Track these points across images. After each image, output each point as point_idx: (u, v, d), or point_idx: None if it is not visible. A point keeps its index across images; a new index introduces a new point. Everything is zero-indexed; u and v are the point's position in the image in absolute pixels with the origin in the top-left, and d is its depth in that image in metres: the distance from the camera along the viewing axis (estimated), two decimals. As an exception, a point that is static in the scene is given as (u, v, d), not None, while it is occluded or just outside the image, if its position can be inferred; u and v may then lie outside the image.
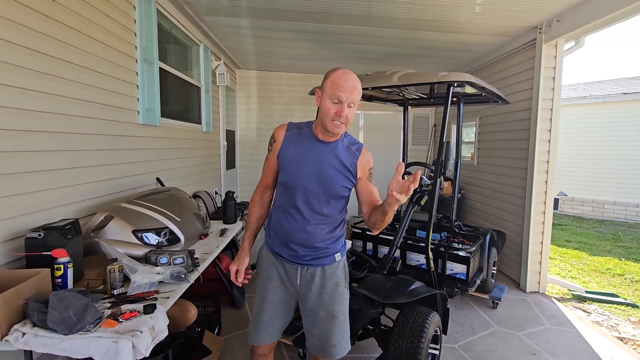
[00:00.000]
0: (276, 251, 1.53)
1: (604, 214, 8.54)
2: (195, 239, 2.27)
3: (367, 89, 2.76)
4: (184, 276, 1.62)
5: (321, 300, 1.50)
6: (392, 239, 2.77)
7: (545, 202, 3.70)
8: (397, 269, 2.77)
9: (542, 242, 3.74)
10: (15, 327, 1.18)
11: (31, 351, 1.19)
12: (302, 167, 1.43)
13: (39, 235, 1.48)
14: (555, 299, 3.63)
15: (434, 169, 2.69)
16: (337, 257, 1.54)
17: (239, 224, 2.90)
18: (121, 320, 1.25)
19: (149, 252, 1.75)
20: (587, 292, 3.85)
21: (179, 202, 2.33)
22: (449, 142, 2.69)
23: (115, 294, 1.47)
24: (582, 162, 8.95)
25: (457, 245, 3.04)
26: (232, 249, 3.43)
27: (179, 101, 3.71)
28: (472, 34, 3.89)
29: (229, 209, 2.86)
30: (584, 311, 3.46)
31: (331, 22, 3.68)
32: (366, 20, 3.59)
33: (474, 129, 5.14)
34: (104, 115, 2.27)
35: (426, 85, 2.89)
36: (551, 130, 3.64)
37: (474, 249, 2.99)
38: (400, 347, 1.94)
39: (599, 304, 3.65)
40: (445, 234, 3.29)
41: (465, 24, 3.60)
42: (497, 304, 3.33)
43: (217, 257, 2.82)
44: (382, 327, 2.32)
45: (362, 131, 6.61)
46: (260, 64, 5.77)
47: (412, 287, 2.11)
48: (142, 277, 1.51)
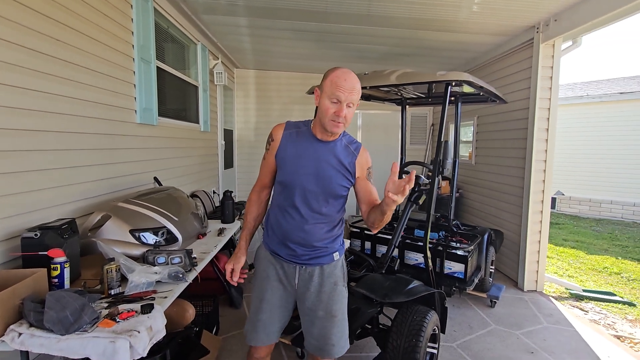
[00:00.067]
0: (274, 250, 1.53)
1: (601, 213, 8.58)
2: (193, 238, 2.26)
3: (365, 88, 2.76)
4: (181, 276, 1.61)
5: (320, 299, 1.50)
6: (390, 238, 2.77)
7: (542, 201, 3.71)
8: (396, 268, 2.77)
9: (539, 241, 3.75)
10: (11, 327, 1.17)
11: (27, 351, 1.18)
12: (301, 167, 1.43)
13: (35, 235, 1.47)
14: (552, 297, 3.64)
15: (432, 168, 2.69)
16: (336, 256, 1.53)
17: (237, 224, 2.89)
18: (118, 320, 1.24)
19: (147, 251, 1.75)
20: (584, 290, 3.86)
21: (177, 202, 2.32)
22: (447, 142, 2.69)
23: (112, 293, 1.47)
24: (579, 161, 8.99)
25: (455, 244, 3.05)
26: (230, 249, 3.42)
27: (177, 100, 3.69)
28: (470, 33, 3.89)
29: (226, 209, 2.85)
30: (581, 310, 3.48)
31: (330, 21, 3.67)
32: (366, 19, 3.58)
33: (472, 128, 5.15)
34: (101, 114, 2.26)
35: (424, 84, 2.89)
36: (548, 129, 3.65)
37: (472, 248, 3.00)
38: (398, 346, 1.94)
39: (596, 302, 3.67)
40: (443, 233, 3.29)
41: (463, 23, 3.60)
42: (495, 302, 3.34)
43: (215, 257, 2.82)
44: (380, 326, 2.32)
45: (360, 130, 6.61)
46: (258, 63, 5.75)
47: (411, 286, 2.11)
48: (140, 277, 1.50)
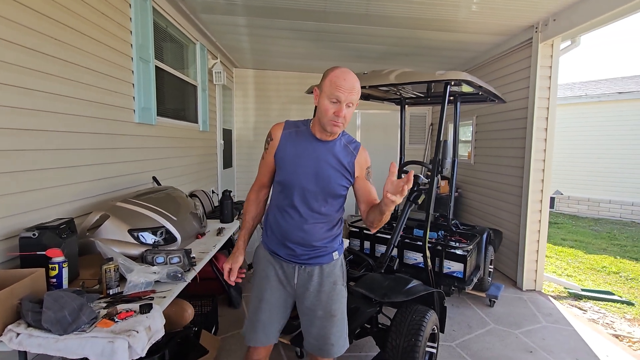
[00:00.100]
0: (273, 250, 1.52)
1: (600, 212, 8.60)
2: (192, 238, 2.26)
3: (364, 87, 2.76)
4: (180, 275, 1.61)
5: (319, 299, 1.50)
6: (389, 237, 2.77)
7: (541, 201, 3.72)
8: (395, 268, 2.77)
9: (538, 241, 3.76)
10: (9, 327, 1.17)
11: (26, 352, 1.18)
12: (300, 166, 1.42)
13: (34, 234, 1.46)
14: (551, 297, 3.65)
15: (431, 167, 2.69)
16: (335, 255, 1.53)
17: (236, 223, 2.89)
18: (117, 320, 1.24)
19: (145, 251, 1.74)
20: (583, 290, 3.87)
21: (176, 201, 2.32)
22: (446, 141, 2.70)
23: (111, 293, 1.46)
24: (578, 161, 9.01)
25: (454, 243, 3.05)
26: (229, 248, 3.42)
27: (176, 100, 3.69)
28: (469, 33, 3.90)
29: (225, 208, 2.85)
30: (580, 309, 3.48)
31: (329, 20, 3.67)
32: (364, 19, 3.58)
33: (471, 127, 5.16)
34: (99, 113, 2.25)
35: (423, 84, 2.89)
36: (547, 129, 3.65)
37: (471, 247, 3.00)
38: (397, 346, 1.94)
39: (595, 301, 3.67)
40: (442, 232, 3.29)
41: (462, 23, 3.60)
42: (494, 302, 3.34)
43: (214, 256, 2.81)
44: (379, 325, 2.32)
45: (359, 130, 6.61)
46: (257, 62, 5.75)
47: (410, 285, 2.11)
48: (138, 277, 1.50)
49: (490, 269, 3.52)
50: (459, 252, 2.95)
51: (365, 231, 3.41)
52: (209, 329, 2.52)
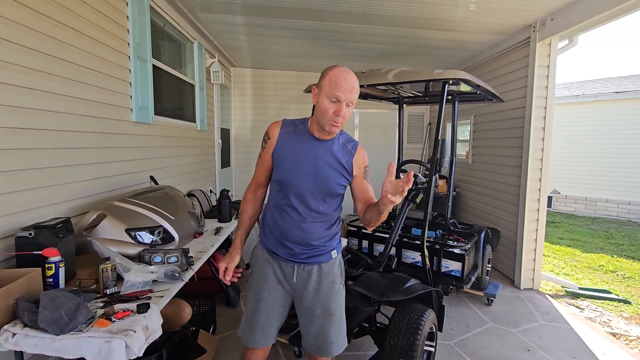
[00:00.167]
0: (271, 249, 1.52)
1: (597, 211, 8.63)
2: (189, 237, 2.25)
3: (362, 86, 2.75)
4: (178, 275, 1.60)
5: (318, 298, 1.49)
6: (387, 236, 2.77)
7: (539, 200, 3.73)
8: (393, 267, 2.77)
9: (536, 240, 3.77)
10: (5, 327, 1.16)
11: (22, 352, 1.17)
12: (298, 165, 1.41)
13: (30, 234, 1.45)
14: (549, 295, 3.66)
15: (429, 166, 2.69)
16: (334, 254, 1.53)
17: (234, 223, 2.88)
18: (114, 319, 1.23)
19: (143, 250, 1.74)
20: (580, 288, 3.88)
21: (173, 201, 2.31)
22: (444, 140, 2.70)
23: (108, 293, 1.45)
24: (575, 160, 9.05)
25: (452, 242, 3.05)
26: (227, 248, 3.40)
27: (173, 99, 3.67)
28: (467, 32, 3.90)
29: (223, 208, 2.84)
30: (577, 307, 3.50)
31: (327, 19, 3.66)
32: (362, 18, 3.58)
33: (469, 127, 5.17)
34: (96, 112, 2.24)
35: (421, 82, 2.88)
36: (545, 128, 3.66)
37: (469, 246, 3.00)
38: (396, 345, 1.94)
39: (592, 300, 3.69)
40: (440, 231, 3.30)
41: (460, 22, 3.60)
42: (492, 301, 3.35)
43: (212, 256, 2.80)
44: (377, 324, 2.32)
45: (357, 129, 6.61)
46: (255, 61, 5.74)
47: (408, 284, 2.11)
48: (136, 276, 1.49)
49: (488, 268, 3.53)
50: (457, 251, 2.95)
51: (363, 230, 3.41)
52: (207, 329, 2.51)
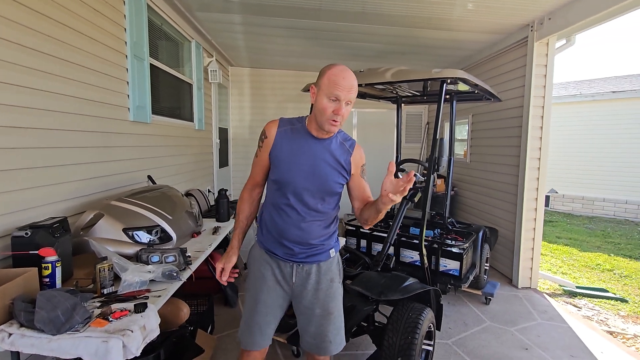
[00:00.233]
0: (270, 249, 1.51)
1: (594, 210, 8.67)
2: (187, 237, 2.25)
3: (360, 85, 2.75)
4: (175, 274, 1.59)
5: (317, 297, 1.49)
6: (385, 236, 2.77)
7: (536, 199, 3.74)
8: (391, 266, 2.77)
9: (533, 239, 3.78)
10: (1, 327, 1.15)
11: (18, 352, 1.16)
12: (296, 164, 1.41)
13: (26, 233, 1.45)
14: (546, 294, 3.67)
15: (428, 166, 2.69)
16: (332, 253, 1.53)
17: (232, 222, 2.87)
18: (111, 319, 1.23)
19: (140, 250, 1.73)
20: (577, 287, 3.90)
21: (171, 200, 2.30)
22: (442, 139, 2.70)
23: (105, 293, 1.45)
24: (572, 159, 9.07)
25: (450, 242, 3.06)
26: (225, 247, 3.39)
27: (171, 98, 3.66)
28: (465, 31, 3.90)
29: (221, 207, 2.84)
30: (574, 306, 3.51)
31: (325, 19, 3.66)
32: (360, 17, 3.57)
33: (467, 126, 5.17)
34: (93, 112, 2.23)
35: (420, 82, 2.88)
36: (542, 127, 3.67)
37: (467, 245, 3.01)
38: (394, 344, 1.94)
39: (589, 298, 3.70)
40: (438, 230, 3.30)
41: (458, 21, 3.61)
42: (490, 299, 3.36)
43: (210, 255, 2.79)
44: (376, 323, 2.33)
45: (355, 129, 6.61)
46: (252, 61, 5.73)
47: (406, 283, 2.11)
48: (133, 276, 1.48)
49: (486, 267, 3.54)
50: (455, 250, 2.96)
51: (361, 230, 3.41)
52: (205, 328, 2.50)
